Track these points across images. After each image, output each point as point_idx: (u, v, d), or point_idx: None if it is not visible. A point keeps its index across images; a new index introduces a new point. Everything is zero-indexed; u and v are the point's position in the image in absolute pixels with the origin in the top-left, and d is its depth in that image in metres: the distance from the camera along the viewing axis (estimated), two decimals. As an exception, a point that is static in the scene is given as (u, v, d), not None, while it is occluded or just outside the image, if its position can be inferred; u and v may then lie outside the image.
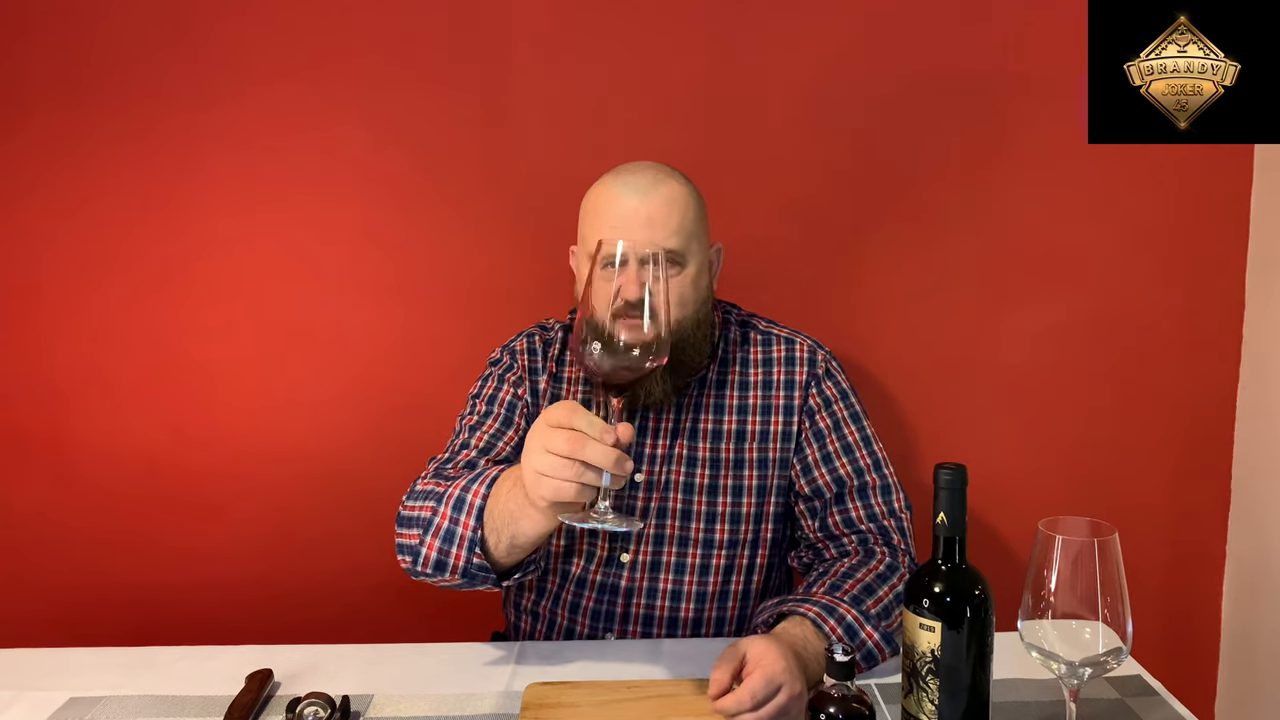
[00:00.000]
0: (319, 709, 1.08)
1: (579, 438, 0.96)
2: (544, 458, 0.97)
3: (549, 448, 0.97)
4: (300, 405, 1.90)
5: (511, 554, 1.15)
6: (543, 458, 0.97)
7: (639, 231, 1.28)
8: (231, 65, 1.81)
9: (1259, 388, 1.86)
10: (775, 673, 1.05)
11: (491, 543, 1.15)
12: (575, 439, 0.96)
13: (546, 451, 0.97)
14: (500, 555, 1.16)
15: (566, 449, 0.96)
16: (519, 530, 1.10)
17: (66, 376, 1.89)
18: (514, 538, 1.12)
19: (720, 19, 1.80)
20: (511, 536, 1.12)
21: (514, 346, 1.50)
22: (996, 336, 1.90)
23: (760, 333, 1.48)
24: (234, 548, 1.93)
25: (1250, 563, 1.89)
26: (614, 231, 1.28)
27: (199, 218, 1.85)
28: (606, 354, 0.98)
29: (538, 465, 0.98)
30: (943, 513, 0.93)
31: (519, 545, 1.13)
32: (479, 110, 1.83)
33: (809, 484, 1.40)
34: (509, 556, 1.16)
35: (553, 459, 0.97)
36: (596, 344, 0.98)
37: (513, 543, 1.13)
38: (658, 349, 0.98)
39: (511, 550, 1.14)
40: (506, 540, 1.13)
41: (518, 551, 1.15)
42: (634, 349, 0.98)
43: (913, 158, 1.85)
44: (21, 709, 1.16)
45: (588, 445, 0.95)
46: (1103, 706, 1.13)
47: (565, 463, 0.96)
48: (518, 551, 1.15)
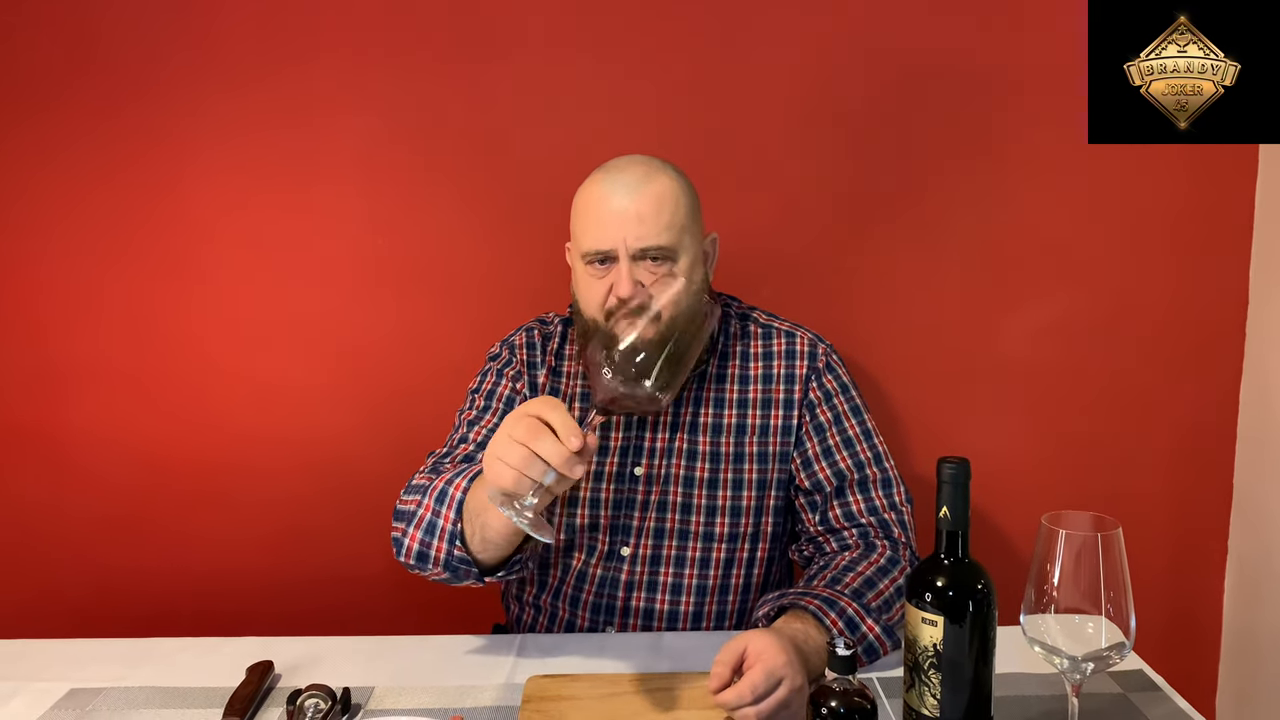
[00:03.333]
0: (320, 701, 1.08)
1: (538, 428, 0.97)
2: (500, 442, 0.99)
3: (510, 433, 0.98)
4: (300, 397, 1.90)
5: (485, 548, 1.16)
6: (499, 442, 0.99)
7: (630, 229, 1.28)
8: (231, 56, 1.80)
9: (1262, 384, 1.87)
10: (776, 666, 1.05)
11: (468, 534, 1.17)
12: (534, 428, 0.97)
13: (507, 436, 0.98)
14: (475, 548, 1.17)
15: (523, 436, 0.97)
16: (486, 523, 1.13)
17: (66, 368, 1.89)
18: (483, 529, 1.14)
19: (721, 12, 1.80)
20: (482, 528, 1.14)
21: (513, 341, 1.50)
22: (999, 332, 1.90)
23: (760, 326, 1.48)
24: (235, 539, 1.93)
25: (1252, 558, 1.90)
26: (604, 231, 1.29)
27: (199, 209, 1.85)
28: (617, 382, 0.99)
29: (494, 449, 0.99)
30: (945, 507, 0.93)
31: (489, 540, 1.15)
32: (481, 102, 1.82)
33: (809, 478, 1.40)
34: (483, 551, 1.17)
35: (506, 444, 0.98)
36: (608, 371, 0.99)
37: (483, 535, 1.15)
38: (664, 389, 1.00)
39: (484, 545, 1.16)
40: (479, 533, 1.15)
41: (490, 546, 1.16)
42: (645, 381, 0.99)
43: (914, 152, 1.84)
44: (23, 700, 1.16)
45: (542, 438, 0.96)
46: (1105, 701, 1.13)
47: (516, 448, 0.97)
48: (490, 546, 1.16)
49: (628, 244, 1.27)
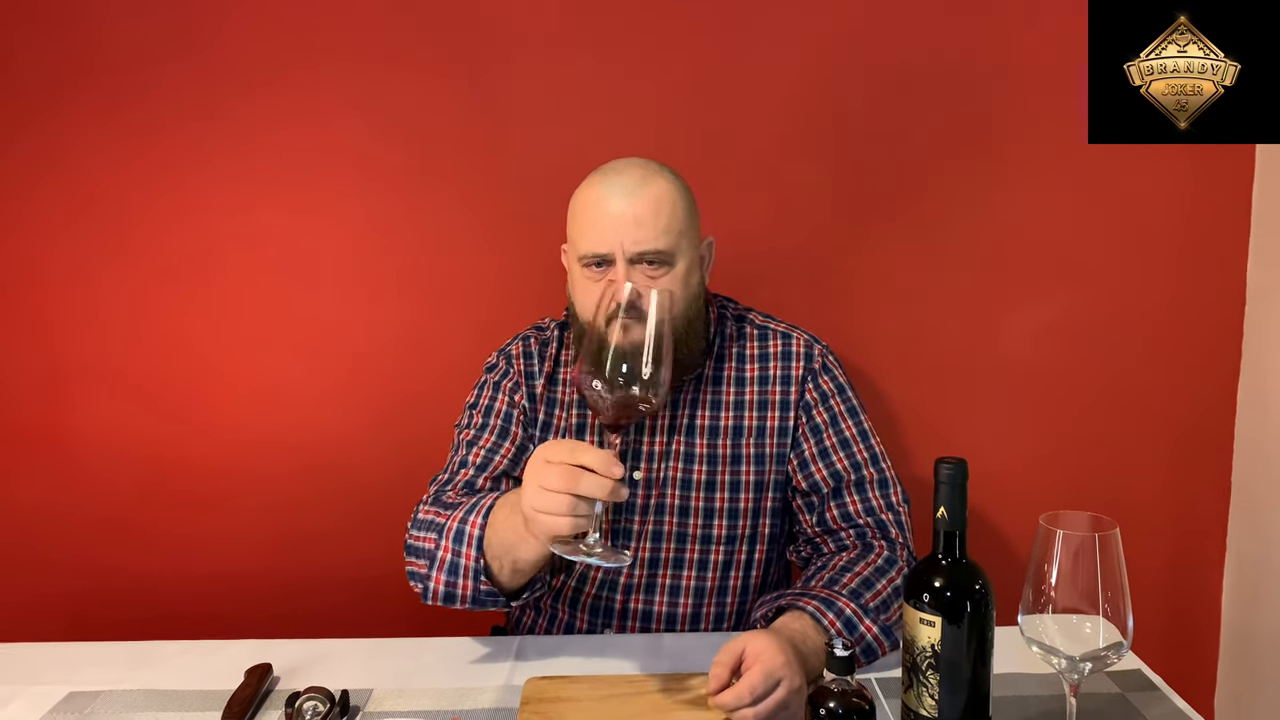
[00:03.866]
0: (318, 703, 1.08)
1: (573, 473, 0.98)
2: (540, 496, 1.00)
3: (544, 485, 1.00)
4: (301, 400, 1.90)
5: (515, 578, 1.20)
6: (539, 496, 1.00)
7: (626, 232, 1.28)
8: (234, 60, 1.80)
9: (1260, 384, 1.87)
10: (774, 667, 1.05)
11: (495, 569, 1.20)
12: (569, 474, 0.98)
13: (542, 489, 1.00)
14: (504, 579, 1.20)
15: (560, 485, 0.98)
16: (519, 557, 1.15)
17: (69, 370, 1.89)
18: (515, 563, 1.17)
19: (721, 13, 1.80)
20: (513, 562, 1.17)
21: (509, 351, 1.49)
22: (997, 332, 1.90)
23: (756, 328, 1.48)
24: (234, 542, 1.93)
25: (1250, 557, 1.90)
26: (601, 234, 1.29)
27: (200, 213, 1.84)
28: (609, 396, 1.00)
29: (534, 503, 1.01)
30: (943, 507, 0.93)
31: (521, 570, 1.18)
32: (481, 104, 1.82)
33: (806, 479, 1.40)
34: (513, 580, 1.21)
35: (548, 496, 0.99)
36: (598, 383, 1.00)
37: (515, 568, 1.18)
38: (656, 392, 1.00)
39: (515, 575, 1.19)
40: (509, 566, 1.18)
41: (520, 576, 1.20)
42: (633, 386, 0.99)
43: (913, 152, 1.84)
44: (21, 704, 1.16)
45: (582, 480, 0.98)
46: (1103, 701, 1.13)
47: (558, 498, 0.99)
48: (520, 576, 1.20)
49: (625, 247, 1.27)
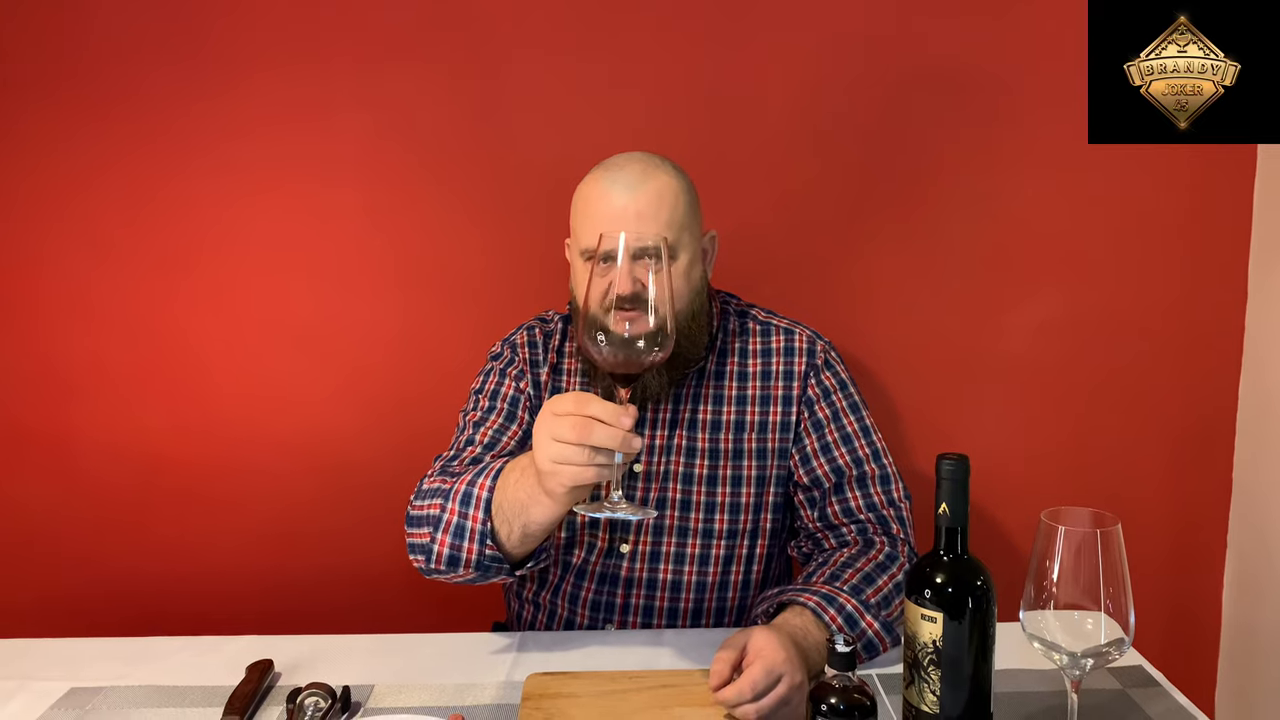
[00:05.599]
0: (320, 699, 1.08)
1: (585, 423, 0.97)
2: (555, 447, 0.99)
3: (557, 436, 0.98)
4: (301, 396, 1.90)
5: (524, 543, 1.17)
6: (554, 447, 0.99)
7: (629, 226, 1.28)
8: (230, 55, 1.80)
9: (1260, 381, 1.87)
10: (776, 663, 1.05)
11: (503, 534, 1.16)
12: (582, 424, 0.97)
13: (555, 441, 0.98)
14: (512, 545, 1.17)
15: (575, 436, 0.97)
16: (530, 519, 1.12)
17: (67, 369, 1.89)
18: (525, 526, 1.13)
19: (722, 9, 1.79)
20: (523, 525, 1.13)
21: (514, 340, 1.50)
22: (999, 329, 1.90)
23: (759, 323, 1.48)
24: (235, 538, 1.93)
25: (1251, 554, 1.90)
26: (604, 227, 1.28)
27: (199, 209, 1.84)
28: (612, 346, 0.98)
29: (551, 455, 0.99)
30: (945, 503, 0.94)
31: (531, 534, 1.15)
32: (480, 101, 1.82)
33: (808, 474, 1.41)
34: (521, 546, 1.17)
35: (564, 447, 0.98)
36: (601, 334, 0.99)
37: (525, 531, 1.14)
38: (662, 341, 0.99)
39: (524, 539, 1.16)
40: (519, 529, 1.14)
41: (530, 540, 1.17)
42: (638, 340, 0.98)
43: (913, 150, 1.84)
44: (23, 699, 1.16)
45: (594, 429, 0.97)
46: (1104, 697, 1.14)
47: (577, 449, 0.97)
48: (530, 540, 1.17)
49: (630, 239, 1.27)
